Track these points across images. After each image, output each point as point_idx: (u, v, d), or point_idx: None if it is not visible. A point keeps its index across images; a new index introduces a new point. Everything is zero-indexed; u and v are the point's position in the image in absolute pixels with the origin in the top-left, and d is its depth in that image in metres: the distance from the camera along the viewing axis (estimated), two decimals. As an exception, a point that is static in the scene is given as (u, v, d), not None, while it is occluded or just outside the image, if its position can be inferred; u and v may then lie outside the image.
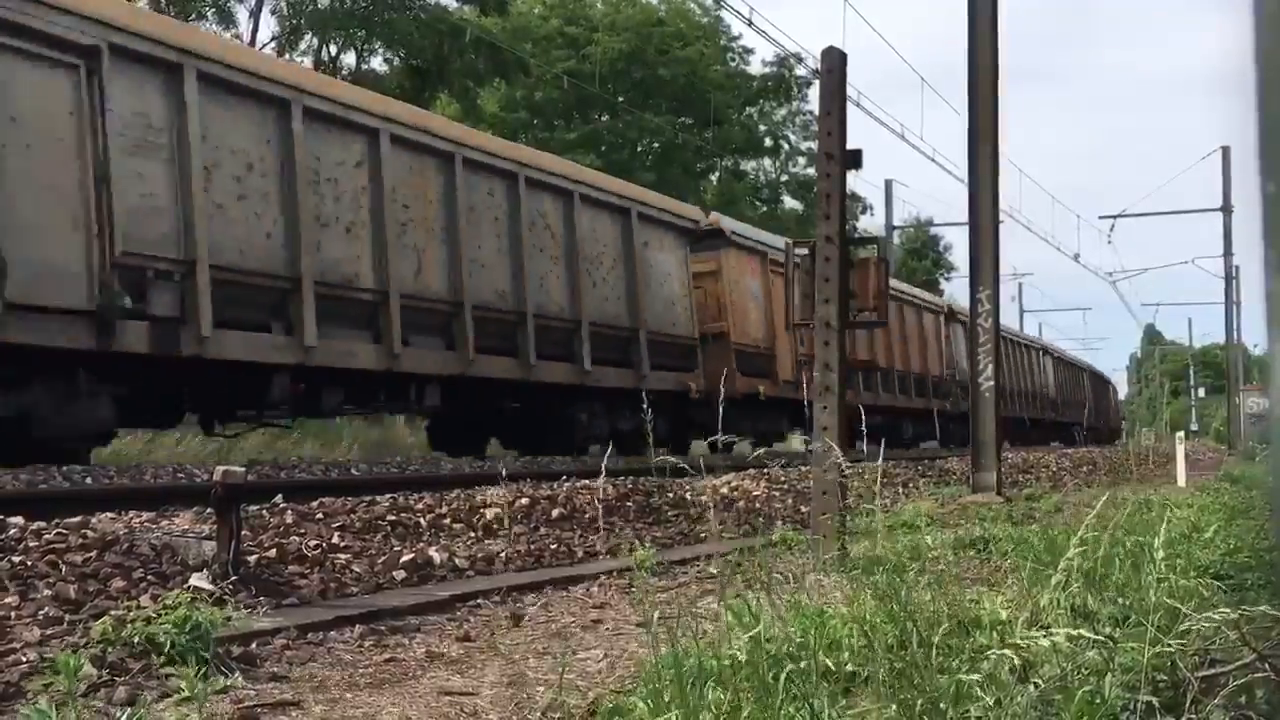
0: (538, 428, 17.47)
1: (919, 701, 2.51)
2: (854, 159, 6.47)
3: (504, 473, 7.81)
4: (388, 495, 7.97)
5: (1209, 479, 14.85)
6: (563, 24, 45.94)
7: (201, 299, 11.41)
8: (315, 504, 7.10)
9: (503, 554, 6.37)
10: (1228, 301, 42.22)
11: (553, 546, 6.87)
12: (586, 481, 9.86)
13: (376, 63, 36.06)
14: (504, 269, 15.86)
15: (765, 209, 50.99)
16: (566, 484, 9.53)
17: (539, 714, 3.19)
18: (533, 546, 6.75)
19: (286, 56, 31.61)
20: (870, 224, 51.73)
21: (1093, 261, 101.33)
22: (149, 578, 4.67)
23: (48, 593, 4.32)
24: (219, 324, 11.63)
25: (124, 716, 2.86)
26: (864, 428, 6.66)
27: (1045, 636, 2.65)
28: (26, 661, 3.48)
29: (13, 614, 4.02)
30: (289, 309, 12.60)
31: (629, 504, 8.88)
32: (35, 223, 10.08)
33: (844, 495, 6.19)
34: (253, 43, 31.52)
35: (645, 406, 5.39)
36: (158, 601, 4.03)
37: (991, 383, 12.02)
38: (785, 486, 11.08)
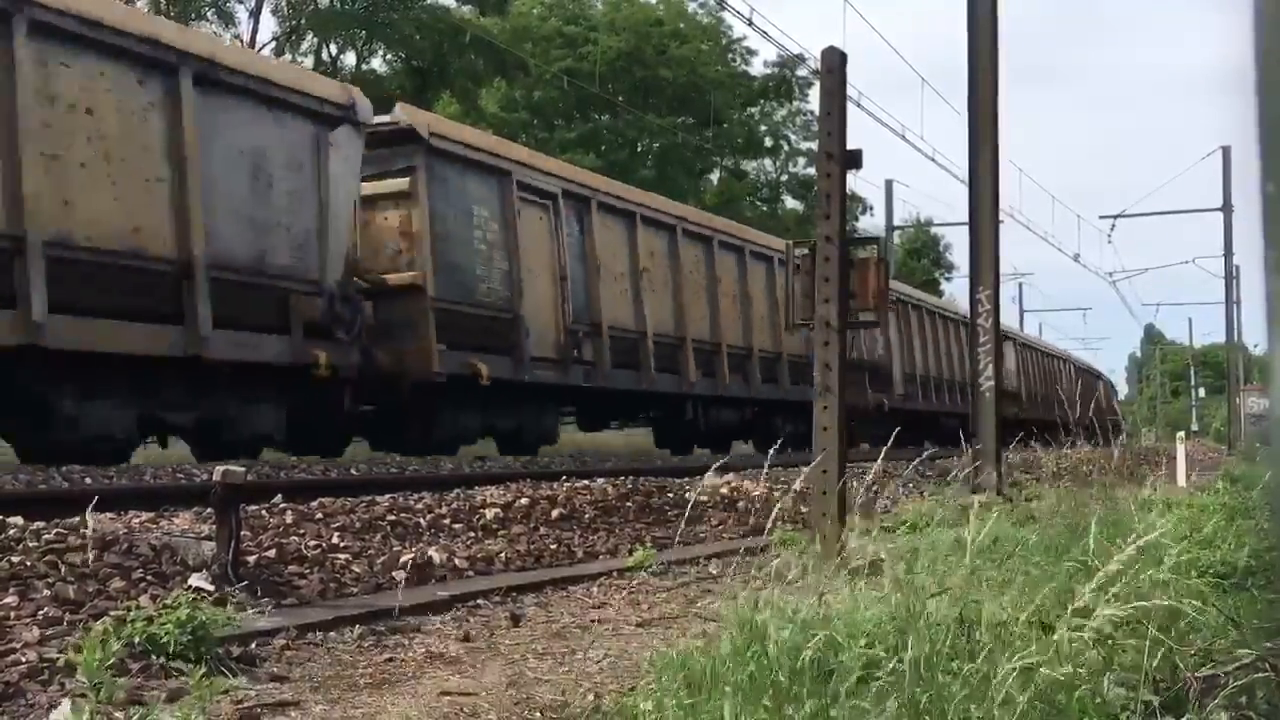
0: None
1: (923, 701, 2.51)
2: (854, 159, 6.47)
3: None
4: (388, 495, 7.97)
5: (1210, 479, 14.85)
6: (562, 24, 45.96)
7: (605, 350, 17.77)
8: (315, 504, 7.09)
9: (502, 554, 6.37)
10: (1228, 301, 42.17)
11: (552, 546, 6.87)
12: (586, 481, 9.86)
13: (376, 63, 36.08)
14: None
15: (765, 209, 50.99)
16: (566, 484, 9.53)
17: (539, 714, 3.19)
18: (532, 546, 6.75)
19: (288, 57, 31.57)
20: (870, 224, 51.73)
21: (1093, 261, 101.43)
22: (148, 578, 4.66)
23: (47, 593, 4.32)
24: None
25: (124, 716, 2.85)
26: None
27: (1045, 636, 2.65)
28: (26, 662, 3.48)
29: (12, 614, 4.02)
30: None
31: (629, 504, 8.88)
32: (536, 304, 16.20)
33: (844, 495, 6.19)
34: (253, 43, 31.50)
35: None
36: (157, 602, 4.03)
37: (992, 383, 12.00)
38: (785, 486, 11.07)
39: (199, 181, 11.30)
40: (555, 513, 7.98)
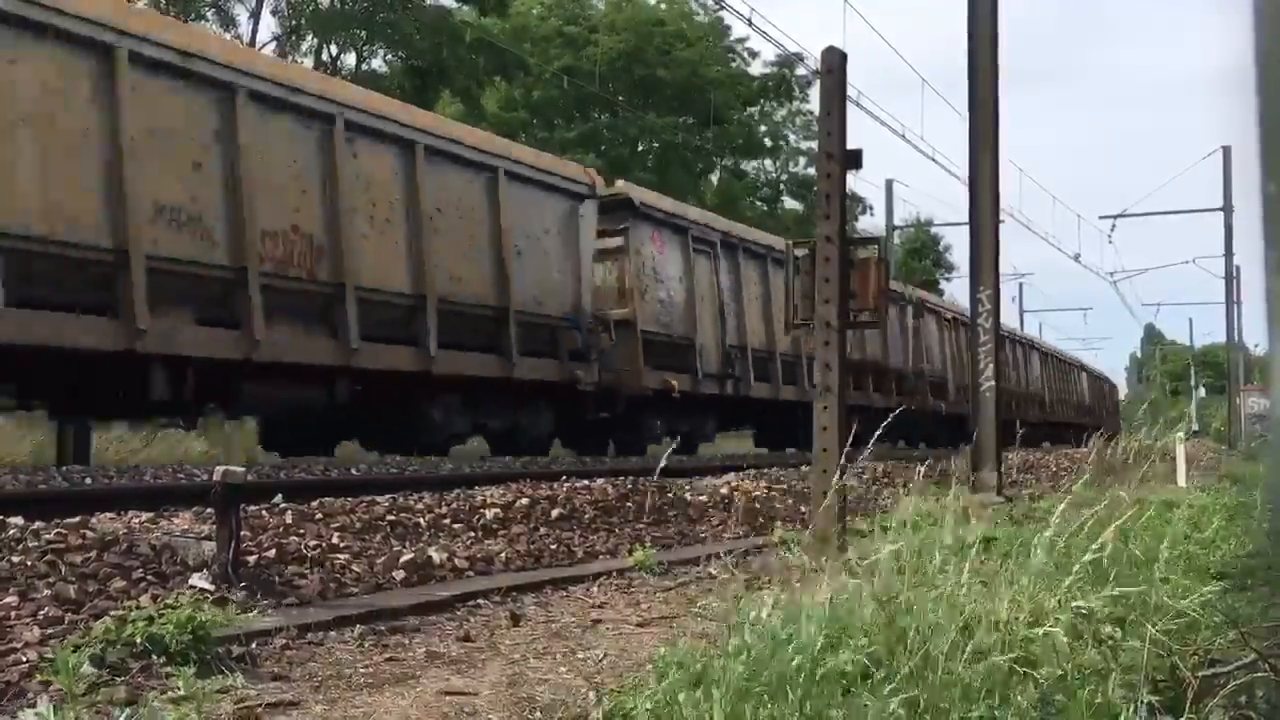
0: None
1: (922, 699, 2.51)
2: (854, 159, 6.47)
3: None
4: (387, 495, 7.97)
5: (1210, 479, 14.85)
6: (562, 23, 45.96)
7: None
8: (315, 504, 7.09)
9: (502, 554, 6.37)
10: (1228, 301, 42.20)
11: (552, 546, 6.87)
12: (586, 481, 9.86)
13: (377, 63, 36.08)
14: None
15: (765, 209, 50.99)
16: (566, 484, 9.53)
17: (539, 714, 3.19)
18: (532, 546, 6.75)
19: (289, 58, 31.57)
20: (870, 224, 51.72)
21: (1093, 261, 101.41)
22: (149, 578, 4.66)
23: (47, 593, 4.32)
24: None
25: (124, 717, 2.86)
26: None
27: (1046, 636, 2.65)
28: (26, 662, 3.48)
29: (12, 614, 4.02)
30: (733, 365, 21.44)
31: (629, 504, 8.87)
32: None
33: (844, 495, 6.19)
34: (253, 43, 31.50)
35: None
36: (158, 602, 4.04)
37: (992, 383, 12.01)
38: (785, 486, 11.08)
39: (510, 250, 15.67)
40: (555, 513, 7.98)
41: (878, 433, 4.67)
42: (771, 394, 22.27)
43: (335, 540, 6.01)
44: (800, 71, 46.28)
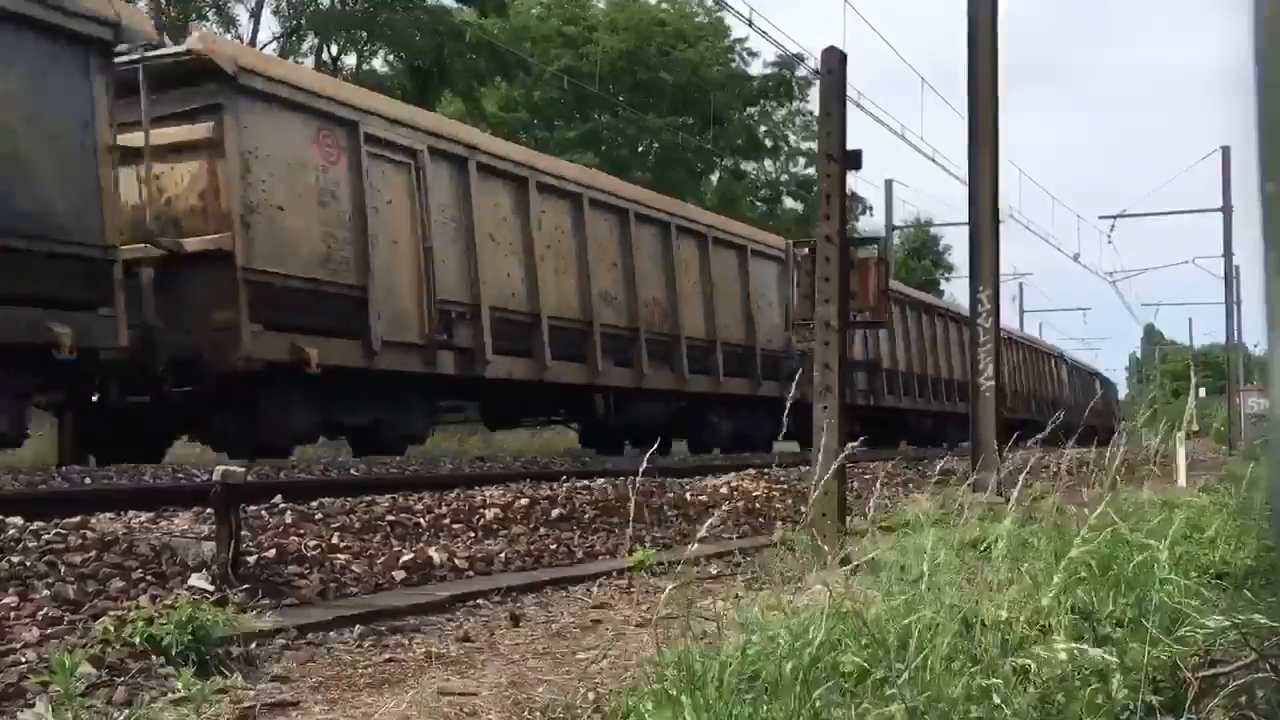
0: None
1: (922, 701, 2.50)
2: (854, 159, 6.47)
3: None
4: (387, 495, 7.96)
5: (1210, 479, 14.84)
6: (561, 23, 45.95)
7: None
8: (315, 504, 7.09)
9: (502, 554, 6.37)
10: (1228, 301, 42.17)
11: (552, 546, 6.86)
12: (586, 481, 9.85)
13: (377, 63, 36.09)
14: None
15: (765, 209, 50.98)
16: (566, 484, 9.52)
17: (539, 714, 3.19)
18: (532, 547, 6.75)
19: (290, 59, 31.56)
20: (870, 224, 51.68)
21: (1093, 261, 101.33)
22: (148, 578, 4.66)
23: (47, 593, 4.32)
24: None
25: (123, 717, 2.85)
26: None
27: (1046, 637, 2.65)
28: (26, 662, 3.48)
29: (12, 614, 4.01)
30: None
31: (629, 504, 8.87)
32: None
33: (844, 495, 6.19)
34: (253, 43, 31.50)
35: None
36: (157, 602, 4.03)
37: (992, 383, 12.01)
38: (785, 486, 11.07)
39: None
40: (555, 513, 7.98)
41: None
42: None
43: (335, 540, 6.01)
44: (800, 72, 46.25)
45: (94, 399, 11.70)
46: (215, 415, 12.95)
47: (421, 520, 7.02)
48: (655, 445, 5.46)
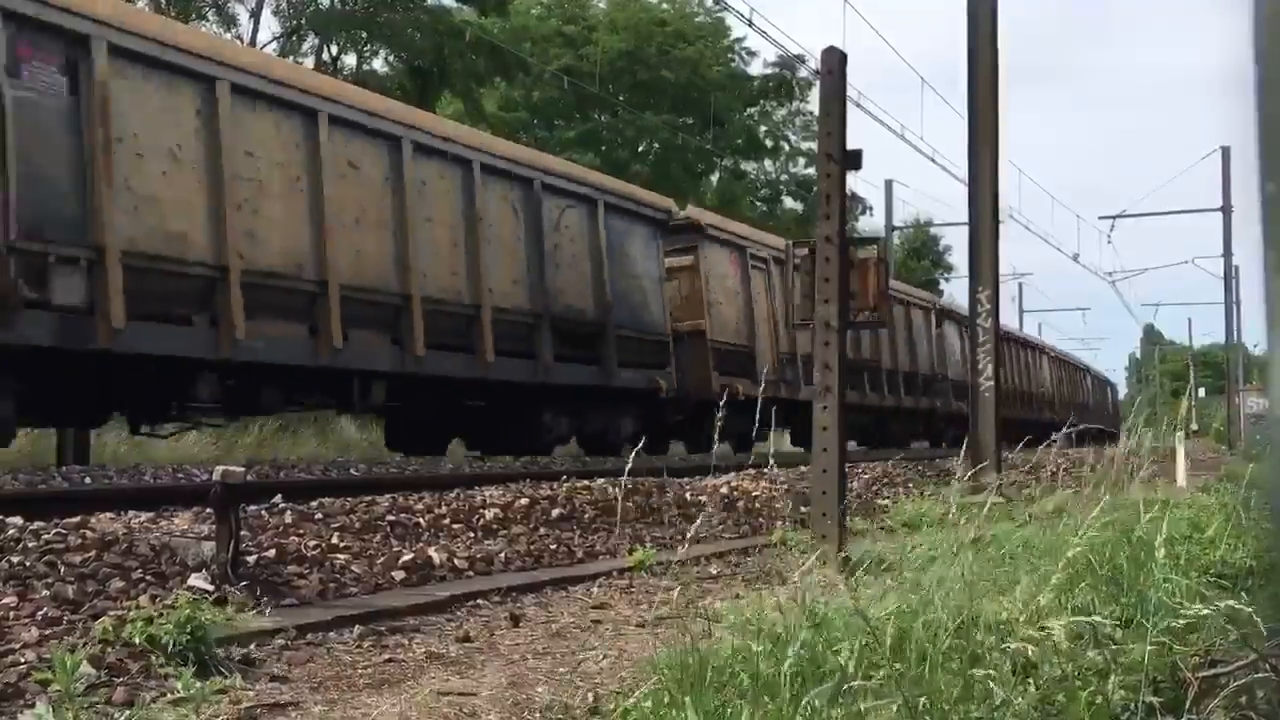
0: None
1: (921, 701, 2.50)
2: (854, 159, 6.47)
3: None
4: (387, 495, 7.96)
5: (1209, 479, 14.83)
6: (561, 23, 45.96)
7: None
8: (314, 504, 7.09)
9: (502, 554, 6.37)
10: (1228, 301, 42.18)
11: (552, 547, 6.86)
12: (586, 482, 9.85)
13: (377, 63, 36.09)
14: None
15: (765, 209, 50.97)
16: (566, 484, 9.52)
17: (539, 714, 3.19)
18: (532, 547, 6.75)
19: (290, 59, 31.58)
20: (870, 224, 51.68)
21: (1092, 261, 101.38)
22: (148, 578, 4.66)
23: (46, 593, 4.32)
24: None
25: (123, 717, 2.85)
26: None
27: (1046, 637, 2.65)
28: (26, 662, 3.48)
29: (11, 614, 4.01)
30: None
31: (629, 504, 8.87)
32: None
33: (844, 495, 6.19)
34: (253, 43, 31.51)
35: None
36: (157, 602, 4.03)
37: (991, 383, 12.02)
38: (785, 486, 11.07)
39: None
40: (555, 513, 7.97)
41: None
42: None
43: (335, 540, 6.01)
44: (800, 73, 46.26)
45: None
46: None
47: (421, 520, 7.02)
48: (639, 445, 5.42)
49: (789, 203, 53.18)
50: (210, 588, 4.51)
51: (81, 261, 10.19)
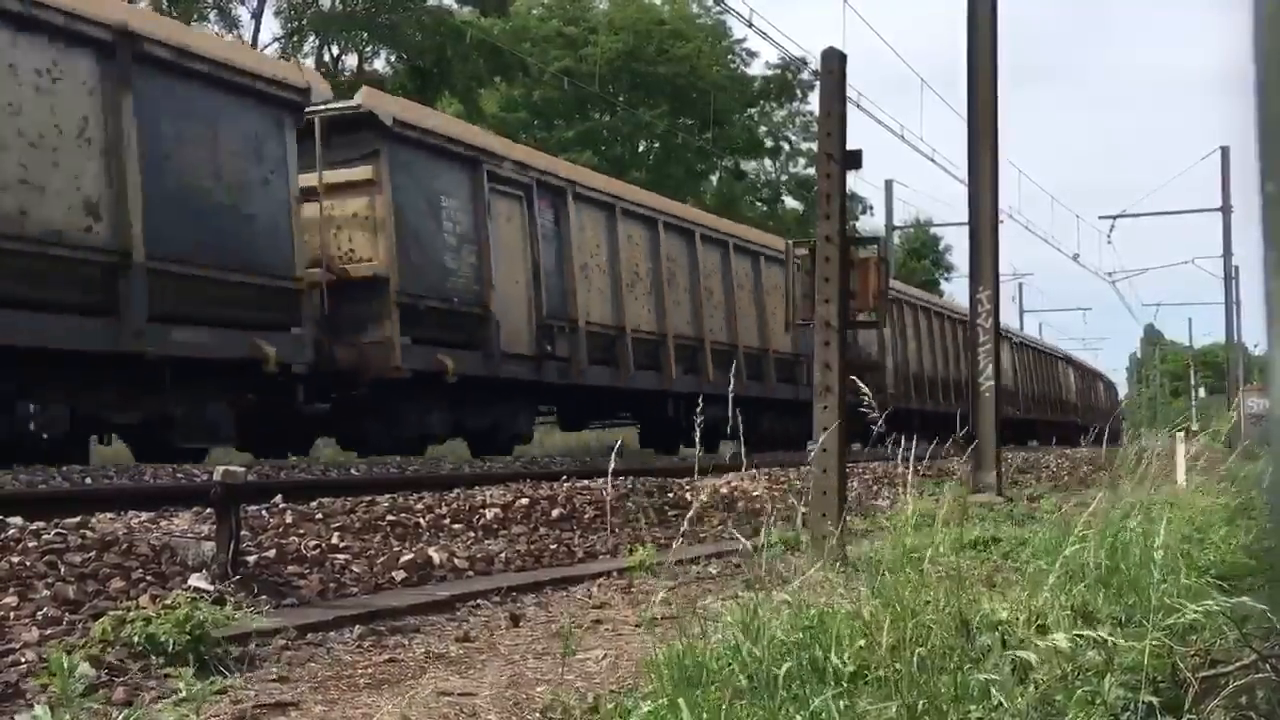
0: None
1: (920, 701, 2.50)
2: (854, 159, 6.46)
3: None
4: (387, 495, 7.96)
5: (1209, 479, 14.82)
6: (561, 24, 45.96)
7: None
8: (314, 504, 7.09)
9: (502, 554, 6.37)
10: (1228, 301, 42.18)
11: (552, 547, 6.86)
12: (586, 482, 9.85)
13: (378, 64, 36.10)
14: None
15: (765, 209, 50.97)
16: (566, 484, 9.52)
17: (538, 714, 3.19)
18: (532, 546, 6.74)
19: (291, 60, 31.58)
20: (870, 224, 51.69)
21: (1092, 261, 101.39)
22: (148, 578, 4.66)
23: (47, 593, 4.32)
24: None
25: (122, 717, 2.85)
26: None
27: (1046, 637, 2.64)
28: (25, 662, 3.48)
29: (12, 614, 4.01)
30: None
31: (629, 504, 8.87)
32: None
33: (843, 495, 6.18)
34: (254, 44, 31.50)
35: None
36: (157, 602, 4.03)
37: (991, 383, 12.01)
38: (785, 486, 11.07)
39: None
40: (555, 513, 7.97)
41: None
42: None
43: (335, 540, 6.01)
44: (802, 74, 46.26)
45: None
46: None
47: (421, 520, 7.02)
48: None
49: (789, 203, 53.19)
50: (210, 588, 4.51)
51: (566, 329, 17.33)
